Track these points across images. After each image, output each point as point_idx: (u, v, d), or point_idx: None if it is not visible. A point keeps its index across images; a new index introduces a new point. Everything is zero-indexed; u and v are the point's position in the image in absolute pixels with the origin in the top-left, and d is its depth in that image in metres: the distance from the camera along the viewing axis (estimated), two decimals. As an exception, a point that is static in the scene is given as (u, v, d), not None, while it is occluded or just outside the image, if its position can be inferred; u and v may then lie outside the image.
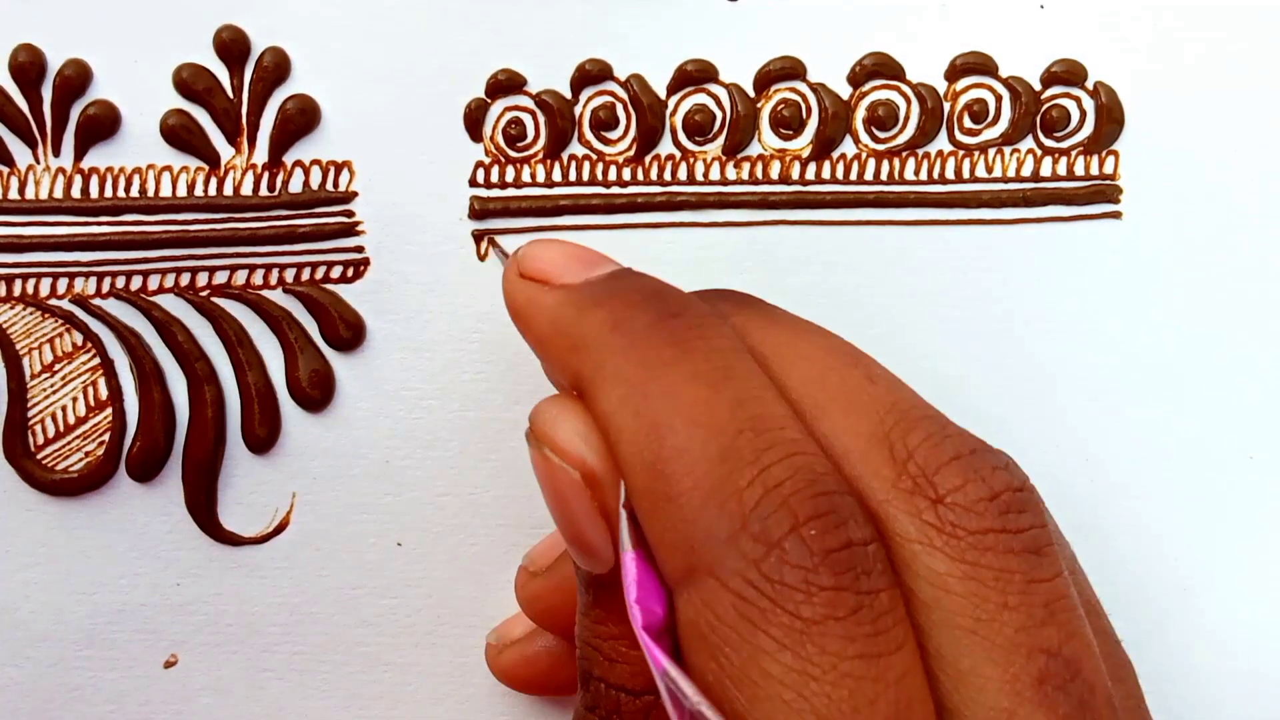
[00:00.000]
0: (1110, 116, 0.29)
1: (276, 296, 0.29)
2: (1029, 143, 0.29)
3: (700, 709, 0.17)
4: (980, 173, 0.29)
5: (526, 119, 0.29)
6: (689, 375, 0.19)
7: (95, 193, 0.29)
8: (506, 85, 0.29)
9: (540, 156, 0.29)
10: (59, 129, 0.29)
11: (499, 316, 0.29)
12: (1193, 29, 0.29)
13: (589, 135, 0.29)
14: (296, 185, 0.29)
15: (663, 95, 0.29)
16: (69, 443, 0.29)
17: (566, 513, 0.20)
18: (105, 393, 0.29)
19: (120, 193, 0.29)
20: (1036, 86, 0.29)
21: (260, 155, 0.29)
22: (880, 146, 0.29)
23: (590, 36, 0.29)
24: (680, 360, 0.19)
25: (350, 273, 0.29)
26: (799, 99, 0.29)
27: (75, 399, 0.29)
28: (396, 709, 0.29)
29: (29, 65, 0.28)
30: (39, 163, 0.29)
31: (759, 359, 0.20)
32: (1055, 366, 0.29)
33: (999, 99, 0.29)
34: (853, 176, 0.29)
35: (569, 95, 0.29)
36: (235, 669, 0.29)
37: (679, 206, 0.29)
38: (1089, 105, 0.29)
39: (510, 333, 0.29)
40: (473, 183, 0.29)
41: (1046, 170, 0.29)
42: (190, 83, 0.29)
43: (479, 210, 0.29)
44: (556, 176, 0.29)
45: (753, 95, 0.29)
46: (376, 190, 0.29)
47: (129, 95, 0.29)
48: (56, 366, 0.29)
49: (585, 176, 0.29)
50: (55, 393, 0.29)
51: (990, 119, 0.29)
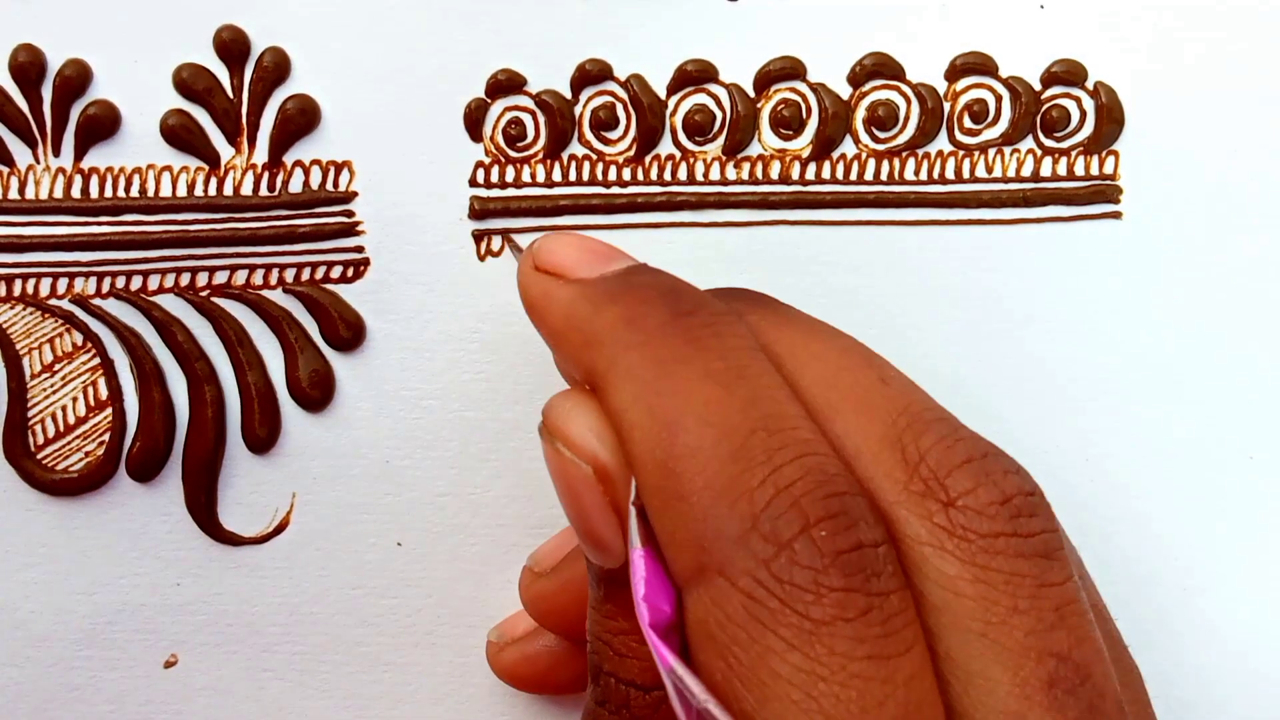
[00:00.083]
0: (1110, 116, 0.29)
1: (276, 296, 0.29)
2: (1029, 143, 0.29)
3: (707, 707, 0.17)
4: (980, 173, 0.29)
5: (526, 119, 0.29)
6: (702, 373, 0.19)
7: (95, 193, 0.29)
8: (506, 85, 0.29)
9: (540, 156, 0.29)
10: (59, 129, 0.29)
11: (499, 316, 0.29)
12: (1193, 29, 0.29)
13: (589, 135, 0.29)
14: (296, 185, 0.29)
15: (663, 95, 0.29)
16: (69, 443, 0.29)
17: (578, 507, 0.20)
18: (105, 393, 0.29)
19: (120, 193, 0.29)
20: (1036, 86, 0.29)
21: (260, 155, 0.29)
22: (880, 146, 0.29)
23: (590, 36, 0.29)
24: (694, 358, 0.19)
25: (350, 273, 0.29)
26: (799, 99, 0.29)
27: (75, 399, 0.29)
28: (396, 709, 0.29)
29: (29, 65, 0.28)
30: (39, 163, 0.29)
31: (773, 358, 0.20)
32: (1055, 366, 0.29)
33: (999, 99, 0.29)
34: (853, 176, 0.29)
35: (569, 95, 0.29)
36: (235, 669, 0.29)
37: (679, 206, 0.29)
38: (1089, 105, 0.29)
39: (510, 333, 0.29)
40: (473, 183, 0.29)
41: (1046, 170, 0.29)
42: (190, 83, 0.29)
43: (479, 210, 0.29)
44: (556, 176, 0.29)
45: (753, 95, 0.29)
46: (376, 190, 0.29)
47: (129, 95, 0.29)
48: (56, 366, 0.29)
49: (585, 176, 0.29)
50: (55, 393, 0.29)
51: (990, 119, 0.29)
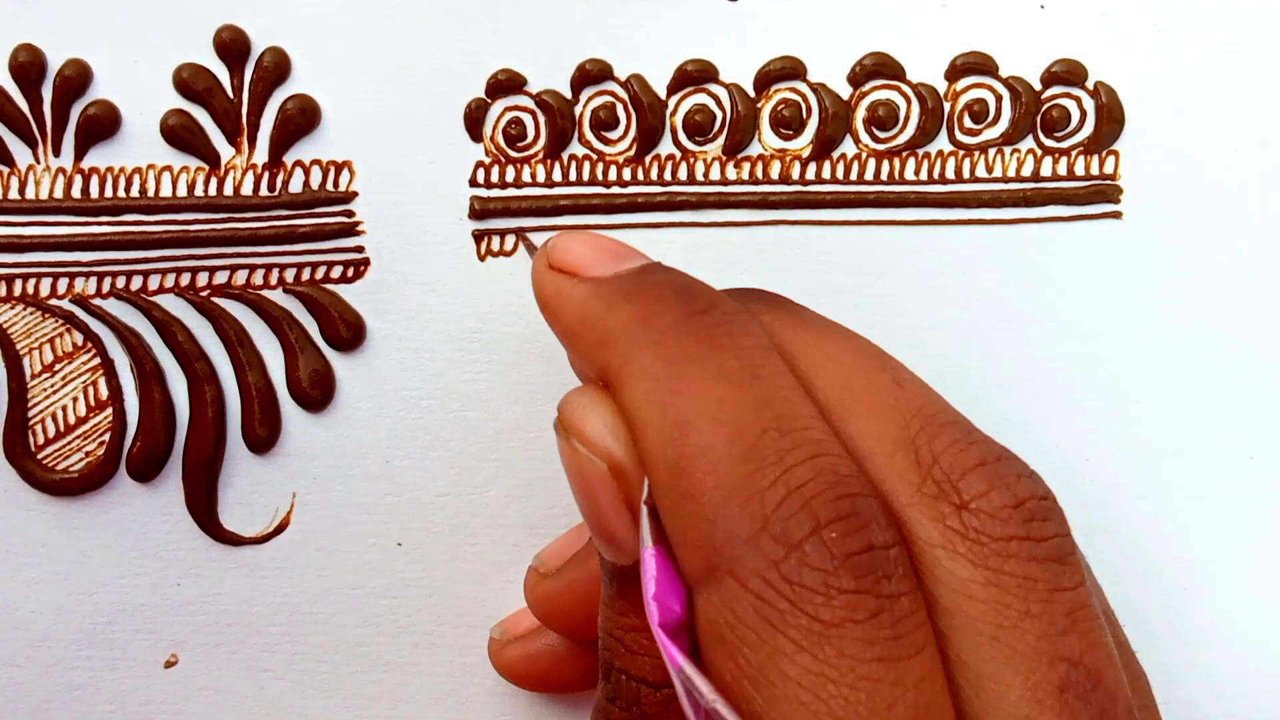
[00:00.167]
0: (1110, 116, 0.29)
1: (277, 296, 0.29)
2: (1029, 143, 0.29)
3: (716, 707, 0.17)
4: (980, 173, 0.29)
5: (526, 119, 0.29)
6: (715, 372, 0.19)
7: (95, 193, 0.29)
8: (506, 85, 0.29)
9: (540, 156, 0.29)
10: (59, 129, 0.29)
11: (499, 316, 0.29)
12: (1193, 29, 0.29)
13: (589, 135, 0.29)
14: (297, 185, 0.29)
15: (663, 95, 0.29)
16: (69, 443, 0.29)
17: (592, 504, 0.20)
18: (105, 393, 0.29)
19: (120, 193, 0.29)
20: (1037, 86, 0.29)
21: (260, 155, 0.29)
22: (880, 146, 0.29)
23: (590, 36, 0.29)
24: (707, 357, 0.19)
25: (350, 273, 0.29)
26: (799, 99, 0.29)
27: (75, 399, 0.29)
28: (396, 709, 0.29)
29: (29, 65, 0.28)
30: (39, 163, 0.29)
31: (786, 359, 0.20)
32: (1055, 366, 0.29)
33: (999, 99, 0.29)
34: (853, 176, 0.29)
35: (569, 95, 0.29)
36: (235, 669, 0.29)
37: (679, 206, 0.29)
38: (1089, 105, 0.29)
39: (510, 333, 0.29)
40: (473, 183, 0.29)
41: (1047, 170, 0.29)
42: (190, 83, 0.29)
43: (479, 210, 0.29)
44: (557, 176, 0.29)
45: (753, 95, 0.29)
46: (376, 190, 0.29)
47: (129, 95, 0.29)
48: (57, 366, 0.29)
49: (585, 176, 0.29)
50: (55, 393, 0.29)
51: (990, 119, 0.29)
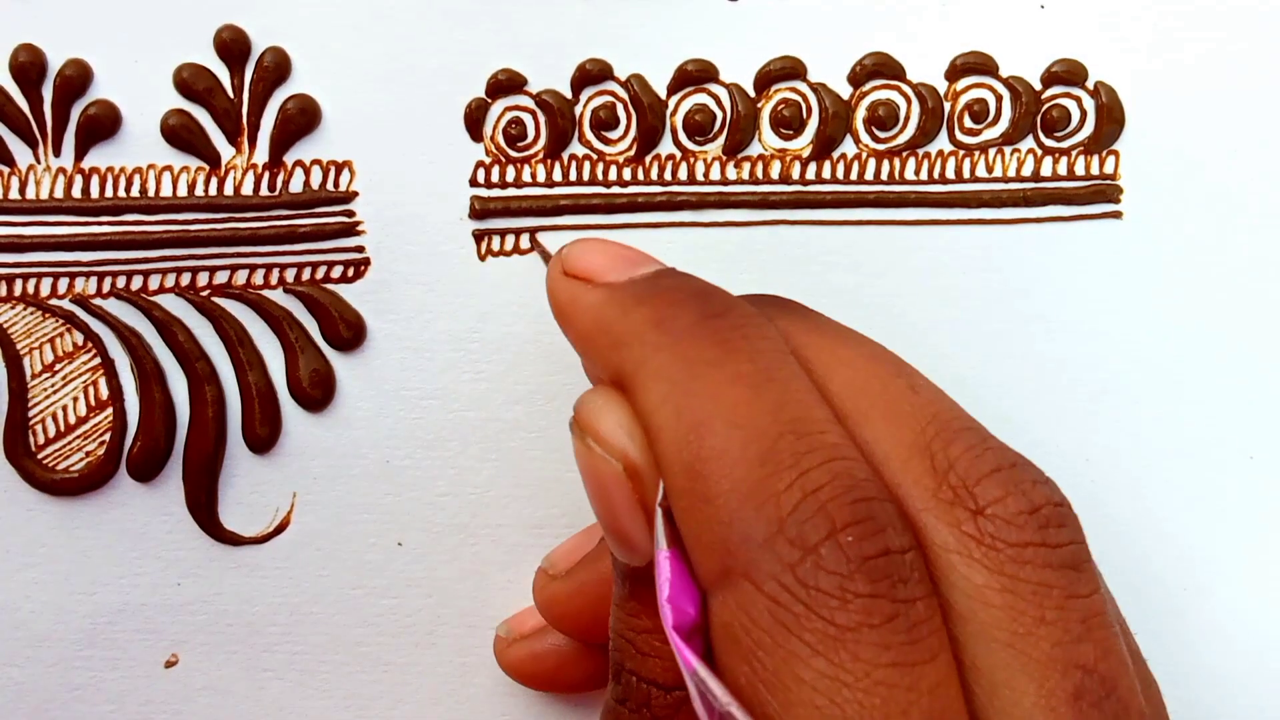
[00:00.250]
0: (1110, 116, 0.29)
1: (277, 296, 0.29)
2: (1029, 143, 0.29)
3: (730, 710, 0.17)
4: (980, 173, 0.29)
5: (527, 119, 0.29)
6: (731, 376, 0.18)
7: (96, 193, 0.29)
8: (507, 85, 0.29)
9: (540, 156, 0.29)
10: (59, 129, 0.29)
11: (499, 316, 0.29)
12: (1193, 29, 0.29)
13: (589, 135, 0.29)
14: (297, 185, 0.29)
15: (663, 95, 0.29)
16: (70, 442, 0.29)
17: (607, 504, 0.19)
18: (106, 392, 0.29)
19: (121, 193, 0.29)
20: (1037, 86, 0.29)
21: (261, 155, 0.29)
22: (880, 146, 0.29)
23: (590, 36, 0.29)
24: (723, 360, 0.19)
25: (351, 273, 0.29)
26: (799, 99, 0.29)
27: (76, 399, 0.29)
28: (396, 709, 0.29)
29: (29, 65, 0.28)
30: (39, 163, 0.29)
31: (802, 363, 0.20)
32: (1055, 366, 0.29)
33: (999, 99, 0.29)
34: (853, 176, 0.29)
35: (569, 95, 0.29)
36: (235, 669, 0.29)
37: (679, 206, 0.29)
38: (1089, 105, 0.29)
39: (510, 333, 0.29)
40: (473, 183, 0.29)
41: (1047, 170, 0.29)
42: (191, 83, 0.29)
43: (479, 210, 0.29)
44: (557, 176, 0.29)
45: (753, 95, 0.29)
46: (377, 190, 0.29)
47: (129, 95, 0.29)
48: (57, 366, 0.29)
49: (585, 176, 0.29)
50: (56, 392, 0.29)
51: (991, 119, 0.29)
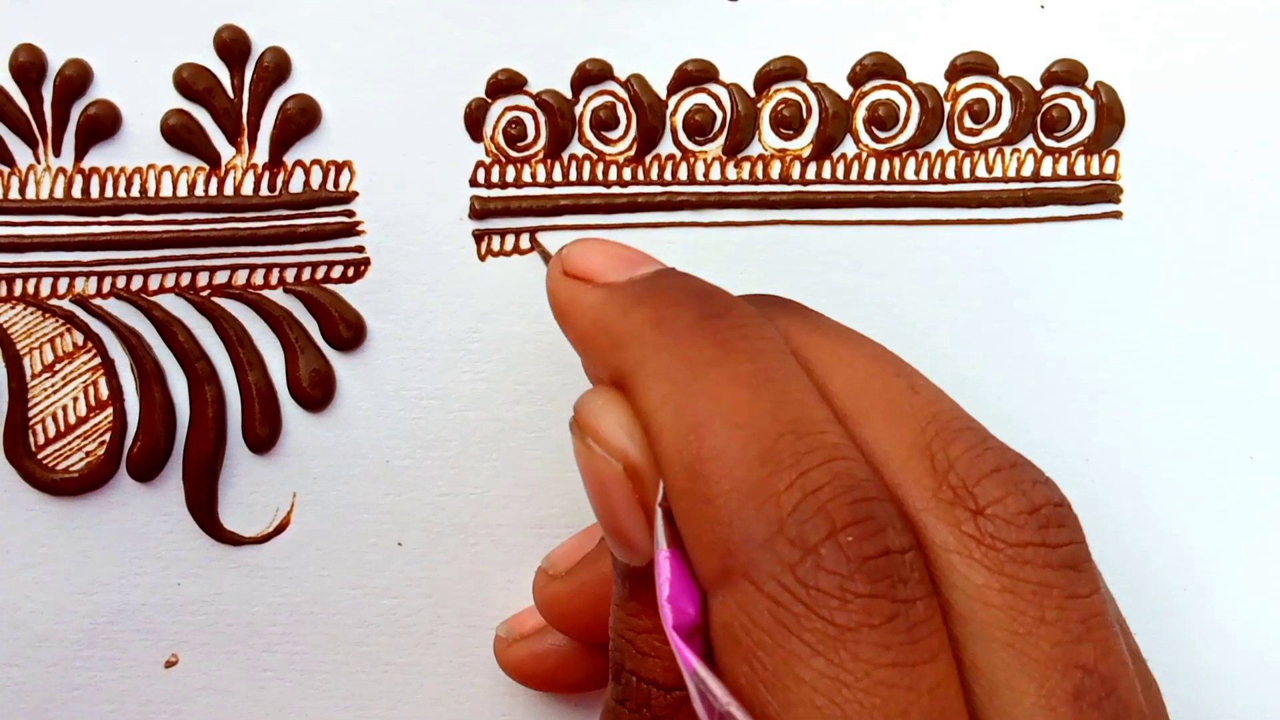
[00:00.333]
0: (1110, 116, 0.29)
1: (277, 296, 0.29)
2: (1029, 143, 0.29)
3: (730, 710, 0.17)
4: (980, 173, 0.29)
5: (527, 119, 0.29)
6: (731, 376, 0.18)
7: (96, 193, 0.29)
8: (507, 85, 0.29)
9: (540, 156, 0.29)
10: (59, 129, 0.29)
11: (499, 316, 0.29)
12: (1193, 29, 0.29)
13: (589, 135, 0.29)
14: (297, 185, 0.29)
15: (663, 95, 0.29)
16: (70, 442, 0.29)
17: (607, 504, 0.19)
18: (106, 392, 0.29)
19: (121, 193, 0.29)
20: (1037, 86, 0.29)
21: (261, 155, 0.29)
22: (880, 146, 0.29)
23: (590, 36, 0.29)
24: (723, 360, 0.19)
25: (351, 273, 0.29)
26: (799, 99, 0.29)
27: (76, 399, 0.29)
28: (396, 709, 0.29)
29: (29, 65, 0.28)
30: (39, 163, 0.29)
31: (802, 363, 0.20)
32: (1055, 367, 0.29)
33: (999, 99, 0.29)
34: (853, 176, 0.29)
35: (569, 95, 0.29)
36: (235, 669, 0.29)
37: (679, 206, 0.29)
38: (1089, 105, 0.29)
39: (510, 333, 0.29)
40: (473, 183, 0.29)
41: (1047, 170, 0.29)
42: (191, 83, 0.29)
43: (479, 210, 0.29)
44: (557, 176, 0.29)
45: (753, 95, 0.29)
46: (377, 190, 0.29)
47: (129, 95, 0.29)
48: (57, 366, 0.29)
49: (585, 176, 0.29)
50: (56, 392, 0.29)
51: (991, 119, 0.29)
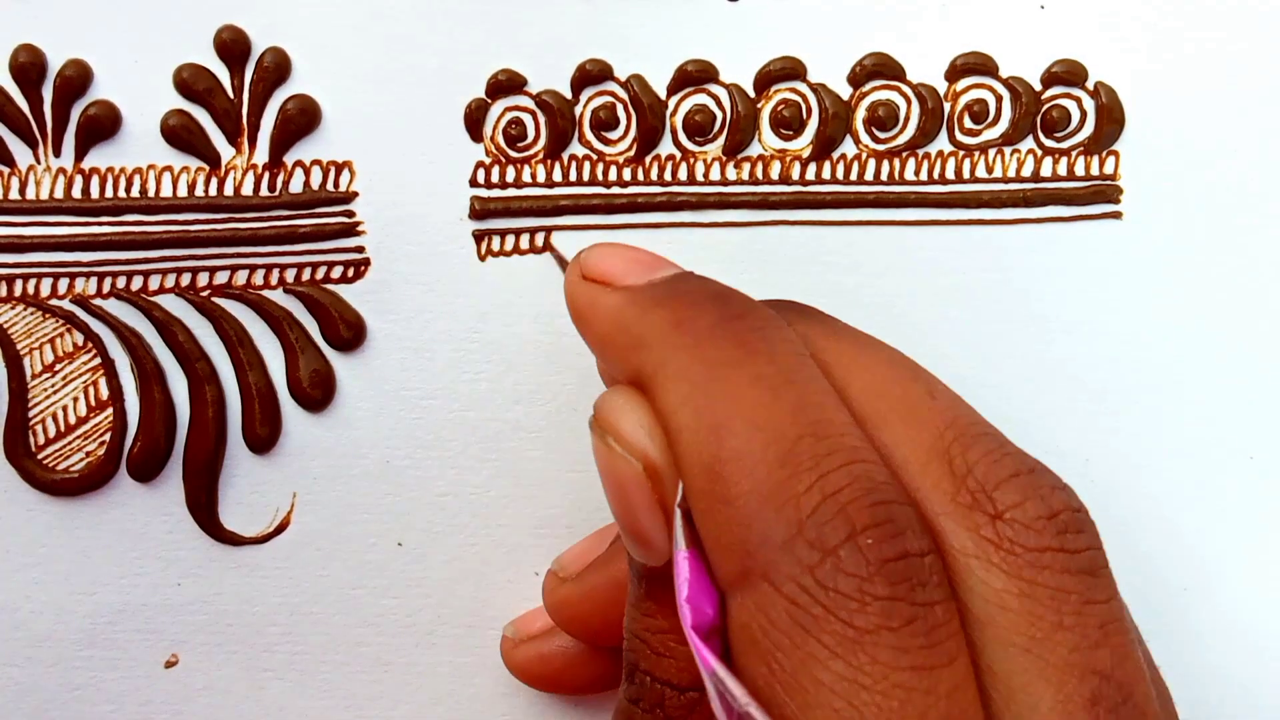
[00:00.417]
0: (1110, 116, 0.29)
1: (277, 296, 0.29)
2: (1029, 143, 0.29)
3: (749, 711, 0.17)
4: (980, 173, 0.29)
5: (527, 119, 0.29)
6: (751, 377, 0.18)
7: (96, 193, 0.29)
8: (506, 85, 0.29)
9: (540, 156, 0.29)
10: (59, 129, 0.29)
11: (499, 316, 0.29)
12: (1193, 29, 0.29)
13: (589, 135, 0.29)
14: (297, 185, 0.29)
15: (663, 95, 0.29)
16: (70, 443, 0.29)
17: (625, 504, 0.19)
18: (106, 393, 0.29)
19: (121, 193, 0.29)
20: (1037, 87, 0.29)
21: (261, 155, 0.29)
22: (880, 147, 0.29)
23: (590, 36, 0.29)
24: (743, 362, 0.19)
25: (351, 273, 0.29)
26: (799, 99, 0.29)
27: (76, 399, 0.29)
28: (396, 709, 0.30)
29: (29, 65, 0.28)
30: (39, 163, 0.29)
31: (820, 367, 0.20)
32: (1055, 367, 0.29)
33: (999, 99, 0.29)
34: (853, 176, 0.29)
35: (569, 95, 0.29)
36: (235, 669, 0.29)
37: (679, 207, 0.29)
38: (1089, 105, 0.29)
39: (510, 333, 0.29)
40: (473, 183, 0.29)
41: (1047, 170, 0.29)
42: (191, 83, 0.29)
43: (479, 210, 0.29)
44: (557, 176, 0.29)
45: (753, 95, 0.29)
46: (377, 190, 0.29)
47: (129, 95, 0.29)
48: (57, 366, 0.29)
49: (585, 176, 0.29)
50: (56, 393, 0.29)
51: (990, 119, 0.29)
